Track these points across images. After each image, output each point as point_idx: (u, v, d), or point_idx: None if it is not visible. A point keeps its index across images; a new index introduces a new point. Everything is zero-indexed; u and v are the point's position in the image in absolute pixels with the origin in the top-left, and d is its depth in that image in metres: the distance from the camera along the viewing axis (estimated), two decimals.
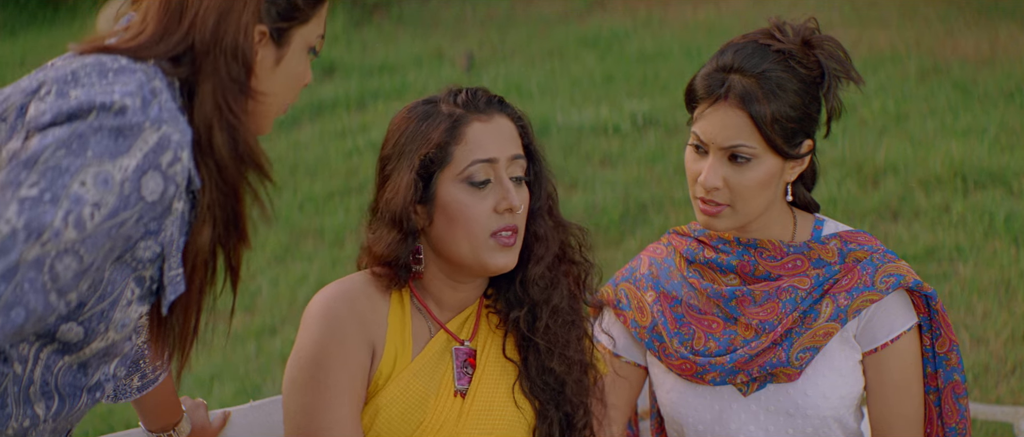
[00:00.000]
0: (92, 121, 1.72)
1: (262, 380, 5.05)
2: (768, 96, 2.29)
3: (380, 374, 2.26)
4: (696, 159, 2.37)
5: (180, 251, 1.86)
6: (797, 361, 2.37)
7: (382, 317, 2.27)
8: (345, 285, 2.29)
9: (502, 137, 2.25)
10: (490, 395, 2.29)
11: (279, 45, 1.92)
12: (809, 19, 2.39)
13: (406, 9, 10.23)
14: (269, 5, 1.89)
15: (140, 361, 2.33)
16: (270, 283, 5.86)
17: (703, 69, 2.36)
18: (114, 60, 1.82)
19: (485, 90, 2.29)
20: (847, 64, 2.36)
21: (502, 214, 2.22)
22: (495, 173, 2.23)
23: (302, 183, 6.92)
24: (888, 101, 7.13)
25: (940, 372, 2.43)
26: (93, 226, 1.71)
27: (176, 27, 1.86)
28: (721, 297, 2.42)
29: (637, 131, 7.12)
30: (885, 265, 2.38)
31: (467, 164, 2.22)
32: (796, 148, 2.35)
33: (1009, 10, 8.70)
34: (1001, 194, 5.84)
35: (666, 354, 2.46)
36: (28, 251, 1.66)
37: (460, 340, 2.31)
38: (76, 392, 1.92)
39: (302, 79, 1.97)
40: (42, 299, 1.70)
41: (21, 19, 11.02)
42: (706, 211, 2.36)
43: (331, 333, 2.23)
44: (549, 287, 2.30)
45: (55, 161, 1.69)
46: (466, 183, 2.22)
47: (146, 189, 1.75)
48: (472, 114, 2.25)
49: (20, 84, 1.86)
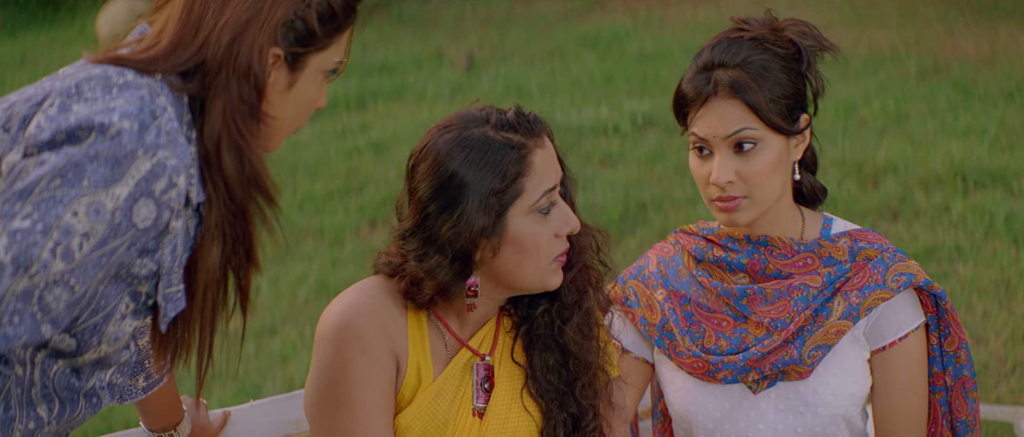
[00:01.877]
0: (88, 148, 1.71)
1: (262, 380, 5.05)
2: (756, 80, 2.31)
3: (404, 392, 2.20)
4: (701, 163, 2.37)
5: (181, 267, 1.85)
6: (809, 359, 2.37)
7: (401, 328, 2.21)
8: (359, 297, 2.20)
9: (552, 161, 2.22)
10: (505, 408, 2.27)
11: (293, 69, 1.89)
12: (766, 10, 2.42)
13: (406, 9, 10.22)
14: (287, 30, 1.86)
15: (145, 362, 2.32)
16: (270, 283, 5.86)
17: (685, 76, 2.37)
18: (120, 74, 1.80)
19: (521, 110, 2.23)
20: (819, 37, 2.39)
21: (562, 238, 2.20)
22: (554, 198, 2.21)
23: (302, 183, 6.91)
24: (888, 101, 7.13)
25: (949, 370, 2.44)
26: (81, 256, 1.70)
27: (190, 42, 1.84)
28: (731, 295, 2.42)
29: (637, 131, 7.12)
30: (896, 264, 2.39)
31: (539, 196, 2.17)
32: (795, 124, 2.37)
33: (1009, 10, 8.70)
34: (1001, 194, 5.84)
35: (677, 352, 2.46)
36: (16, 284, 1.67)
37: (481, 355, 2.27)
38: (73, 396, 1.92)
39: (314, 104, 1.94)
40: (33, 328, 1.71)
41: (21, 19, 11.01)
42: (725, 208, 2.35)
43: (354, 347, 2.15)
44: (578, 290, 2.28)
45: (50, 192, 1.69)
46: (536, 213, 2.18)
47: (138, 217, 1.74)
48: (531, 141, 2.18)
49: (25, 92, 1.84)
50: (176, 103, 1.82)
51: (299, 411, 2.59)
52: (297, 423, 2.60)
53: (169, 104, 1.80)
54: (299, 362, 5.16)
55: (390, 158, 7.13)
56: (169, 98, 1.81)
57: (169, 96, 1.81)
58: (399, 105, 8.05)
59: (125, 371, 2.02)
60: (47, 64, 9.39)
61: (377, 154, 7.22)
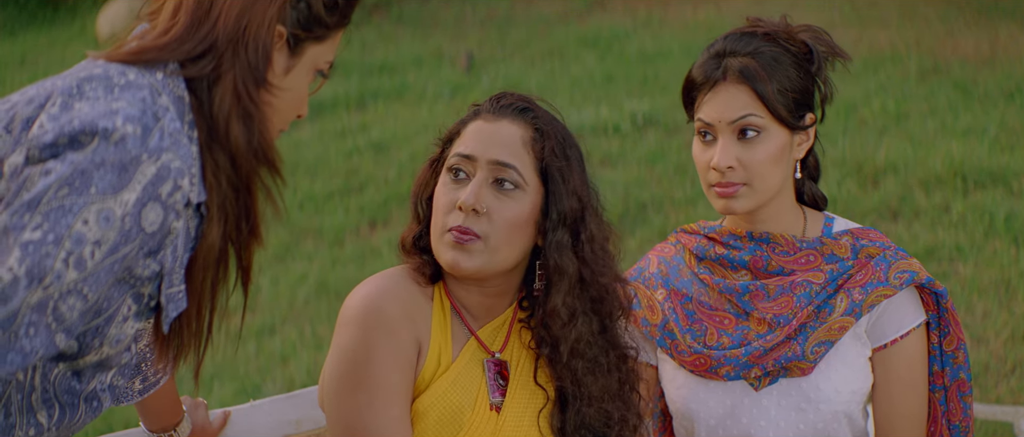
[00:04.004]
0: (93, 154, 1.71)
1: (262, 380, 5.05)
2: (766, 70, 2.33)
3: (423, 376, 2.21)
4: (704, 149, 2.38)
5: (182, 267, 1.86)
6: (812, 355, 2.38)
7: (426, 314, 2.23)
8: (385, 281, 2.23)
9: (492, 139, 2.22)
10: (520, 414, 2.26)
11: (292, 53, 1.92)
12: (783, 15, 2.44)
13: (406, 9, 10.22)
14: (292, 9, 1.90)
15: (142, 365, 2.32)
16: (270, 283, 5.86)
17: (696, 62, 2.40)
18: (121, 74, 1.81)
19: (518, 96, 2.27)
20: (832, 43, 2.41)
21: (457, 212, 2.19)
22: (471, 169, 2.21)
23: (302, 183, 6.91)
24: (888, 101, 7.13)
25: (946, 370, 2.44)
26: (94, 264, 1.71)
27: (204, 22, 1.86)
28: (734, 292, 2.43)
29: (637, 131, 7.12)
30: (898, 262, 2.40)
31: (452, 155, 2.23)
32: (800, 120, 2.38)
33: (1009, 10, 8.70)
34: (1001, 194, 5.84)
35: (678, 351, 2.46)
36: (31, 296, 1.67)
37: (491, 352, 2.27)
38: (74, 400, 1.92)
39: (300, 102, 1.96)
40: (48, 340, 1.71)
41: (21, 19, 11.01)
42: (723, 193, 2.36)
43: (378, 330, 2.16)
44: (568, 325, 2.23)
45: (58, 201, 1.69)
46: (448, 172, 2.23)
47: (146, 221, 1.75)
48: (482, 115, 2.25)
49: (27, 92, 1.85)
50: (177, 102, 1.83)
51: (299, 411, 2.59)
52: (297, 423, 2.60)
53: (171, 104, 1.81)
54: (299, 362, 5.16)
55: (390, 158, 7.13)
56: (170, 97, 1.82)
57: (170, 96, 1.82)
58: (399, 105, 8.05)
59: (125, 373, 2.02)
60: (47, 64, 9.39)
61: (377, 154, 7.22)
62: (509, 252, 2.21)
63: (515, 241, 2.21)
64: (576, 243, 2.24)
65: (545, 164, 2.22)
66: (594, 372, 2.26)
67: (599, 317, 2.27)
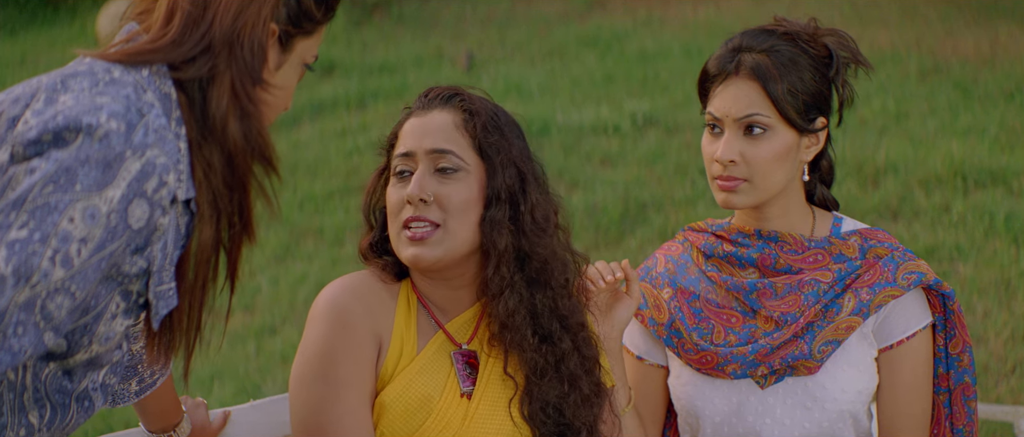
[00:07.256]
0: (77, 151, 1.71)
1: (262, 380, 5.06)
2: (780, 69, 2.34)
3: (386, 368, 2.25)
4: (712, 140, 2.39)
5: (173, 265, 1.86)
6: (819, 354, 2.38)
7: (390, 310, 2.27)
8: (351, 279, 2.29)
9: (425, 130, 2.25)
10: (493, 403, 2.28)
11: (283, 50, 1.94)
12: (811, 18, 2.44)
13: (406, 9, 10.22)
14: (283, 6, 1.91)
15: (137, 366, 2.32)
16: (270, 283, 5.87)
17: (714, 54, 2.41)
18: (106, 71, 1.81)
19: (444, 87, 2.30)
20: (856, 51, 2.41)
21: (408, 206, 2.23)
22: (413, 165, 2.25)
23: (302, 182, 6.92)
24: (888, 101, 7.13)
25: (952, 373, 2.45)
26: (81, 262, 1.71)
27: (200, 22, 1.86)
28: (741, 289, 2.43)
29: (637, 131, 7.12)
30: (906, 263, 2.41)
31: (394, 159, 2.28)
32: (810, 123, 2.39)
33: (1009, 10, 8.70)
34: (1001, 194, 5.84)
35: (685, 349, 2.46)
36: (18, 295, 1.67)
37: (458, 344, 2.30)
38: (65, 400, 1.92)
39: (286, 97, 1.98)
40: (37, 339, 1.71)
41: (21, 19, 11.02)
42: (724, 187, 2.37)
43: (338, 326, 2.22)
44: (498, 298, 2.24)
45: (44, 199, 1.69)
46: (394, 176, 2.27)
47: (132, 217, 1.75)
48: (414, 113, 2.30)
49: (13, 92, 1.84)
50: (163, 99, 1.83)
51: None
52: None
53: (156, 100, 1.81)
54: None
55: None
56: (156, 94, 1.82)
57: (156, 92, 1.82)
58: (399, 105, 8.03)
59: (117, 373, 2.01)
60: (47, 64, 9.39)
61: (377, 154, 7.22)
62: (467, 234, 2.23)
63: (470, 221, 2.24)
64: (516, 215, 2.25)
65: (480, 141, 2.25)
66: (541, 347, 2.26)
67: (544, 289, 2.27)
